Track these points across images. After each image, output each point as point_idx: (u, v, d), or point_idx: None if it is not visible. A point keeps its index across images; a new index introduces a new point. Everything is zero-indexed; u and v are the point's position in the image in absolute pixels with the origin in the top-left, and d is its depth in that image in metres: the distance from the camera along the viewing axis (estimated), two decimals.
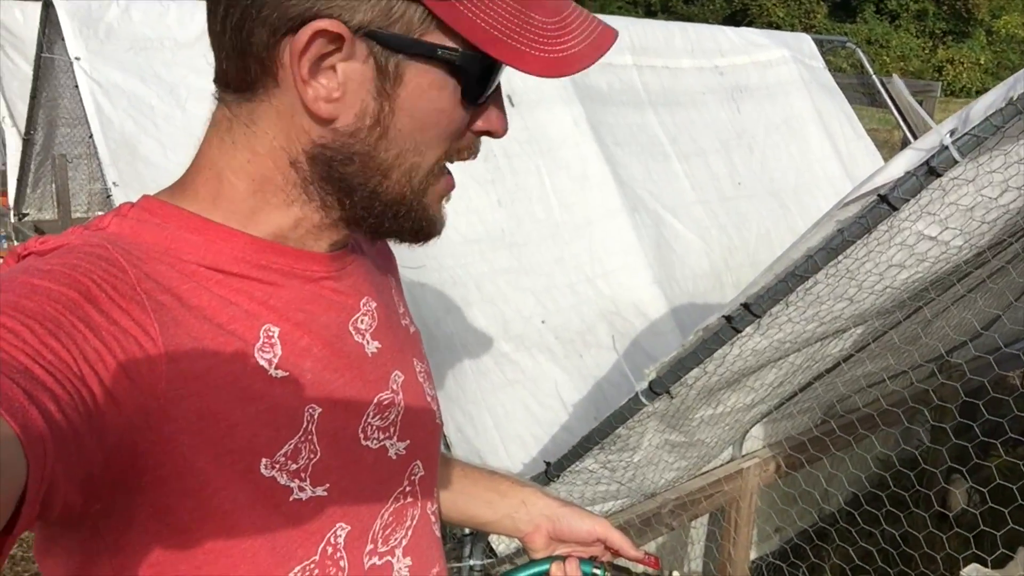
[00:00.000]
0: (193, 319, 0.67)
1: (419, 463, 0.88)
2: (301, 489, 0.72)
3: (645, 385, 1.67)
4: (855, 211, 1.37)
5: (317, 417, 0.74)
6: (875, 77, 4.24)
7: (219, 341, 0.68)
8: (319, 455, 0.73)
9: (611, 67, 3.39)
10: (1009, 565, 2.82)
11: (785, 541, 3.10)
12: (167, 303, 0.66)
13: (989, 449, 3.54)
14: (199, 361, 0.66)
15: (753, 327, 1.54)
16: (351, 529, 0.77)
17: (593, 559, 1.15)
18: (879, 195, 1.31)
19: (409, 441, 0.85)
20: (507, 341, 2.55)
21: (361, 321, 0.82)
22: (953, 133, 1.26)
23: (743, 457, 2.67)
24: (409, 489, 0.86)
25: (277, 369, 0.71)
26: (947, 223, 1.39)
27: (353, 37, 0.67)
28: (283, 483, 0.70)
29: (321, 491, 0.73)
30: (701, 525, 2.89)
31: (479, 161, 2.58)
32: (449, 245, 2.61)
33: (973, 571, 1.45)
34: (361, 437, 0.79)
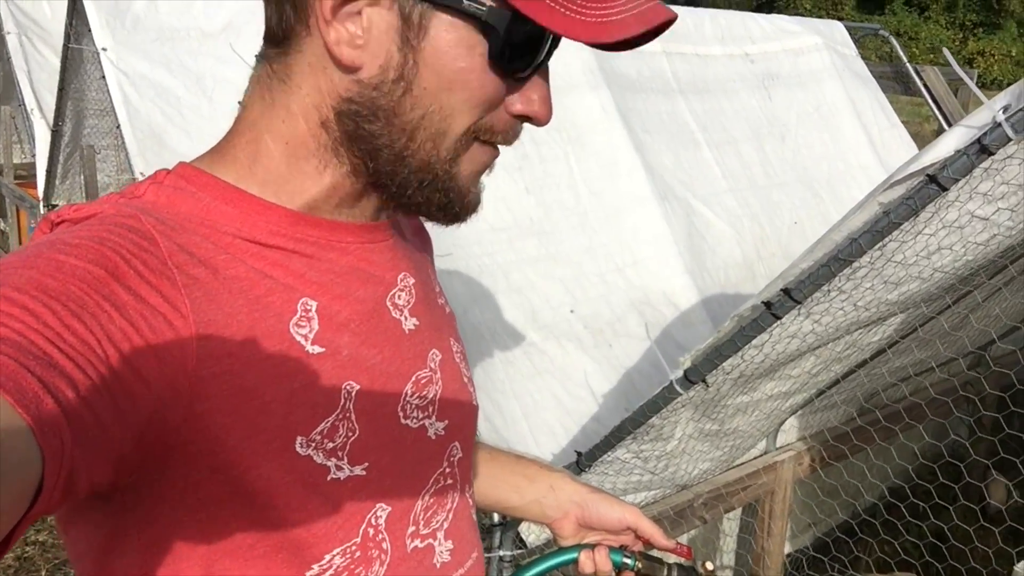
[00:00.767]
0: (227, 293, 0.66)
1: (457, 444, 0.85)
2: (339, 468, 0.70)
3: (680, 374, 1.63)
4: (901, 192, 1.32)
5: (355, 394, 0.71)
6: (909, 65, 4.15)
7: (254, 316, 0.66)
8: (358, 433, 0.71)
9: (640, 54, 3.33)
10: None
11: (823, 534, 3.05)
12: (200, 277, 0.64)
13: None
14: (233, 338, 0.64)
15: (793, 313, 1.50)
16: (392, 510, 0.75)
17: (623, 548, 1.11)
18: (927, 175, 1.26)
19: (448, 421, 0.83)
20: (536, 330, 2.51)
21: (399, 297, 0.80)
22: (1007, 109, 1.20)
23: (778, 449, 2.62)
24: (449, 471, 0.84)
25: (314, 345, 0.69)
26: (999, 203, 1.34)
27: None
28: (320, 462, 0.68)
29: (360, 470, 0.71)
30: (735, 517, 2.84)
31: (507, 148, 2.54)
32: (476, 233, 2.57)
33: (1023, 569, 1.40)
34: (401, 415, 0.77)
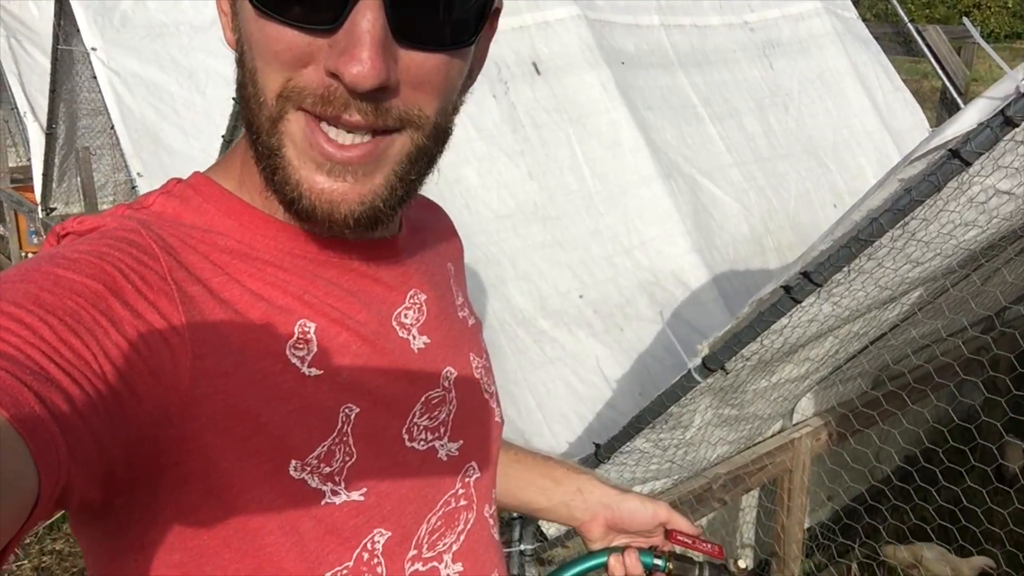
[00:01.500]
0: (223, 313, 0.64)
1: (474, 464, 0.82)
2: (335, 493, 0.68)
3: (698, 361, 1.59)
4: (922, 168, 1.28)
5: (354, 418, 0.69)
6: (911, 25, 4.08)
7: (249, 337, 0.65)
8: (355, 458, 0.69)
9: (638, 28, 3.27)
10: None
11: (841, 507, 3.03)
12: (197, 296, 0.63)
13: None
14: (227, 358, 0.63)
15: (813, 296, 1.46)
16: (391, 535, 0.72)
17: (653, 549, 1.09)
18: (950, 150, 1.21)
19: (462, 441, 0.80)
20: (545, 318, 2.48)
21: (406, 315, 0.76)
22: None
23: (794, 427, 2.60)
24: (463, 492, 0.81)
25: (311, 367, 0.67)
26: (1022, 176, 1.30)
27: None
28: (314, 486, 0.67)
29: (357, 495, 0.69)
30: (753, 496, 2.82)
31: (507, 132, 2.46)
32: (481, 222, 2.53)
33: None
34: (406, 438, 0.74)
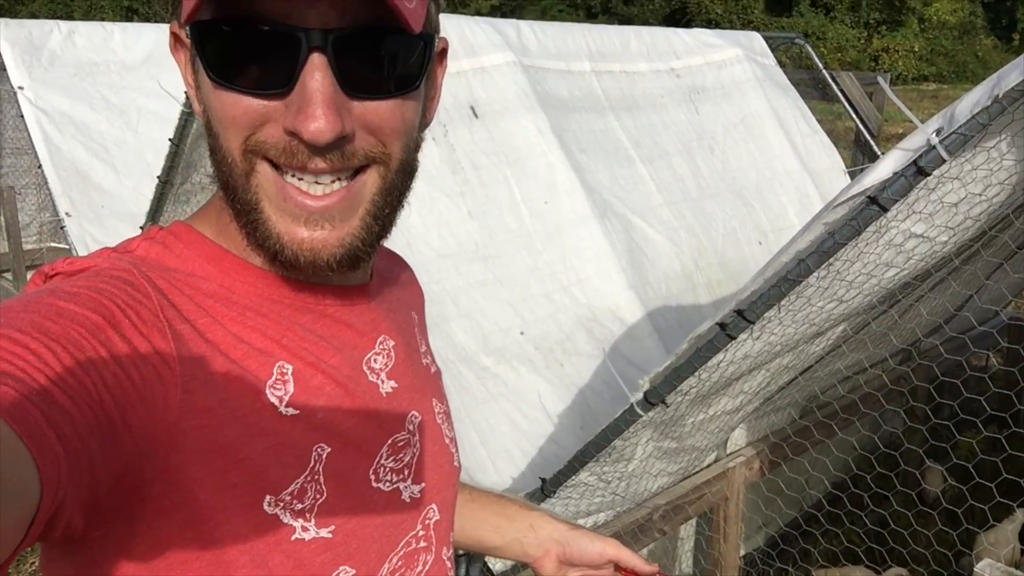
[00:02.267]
0: (209, 352, 0.67)
1: (434, 507, 0.86)
2: (304, 529, 0.71)
3: (640, 396, 1.66)
4: (844, 213, 1.38)
5: (325, 457, 0.72)
6: (826, 72, 4.31)
7: (231, 376, 0.68)
8: (325, 496, 0.72)
9: (570, 74, 3.39)
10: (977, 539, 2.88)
11: (775, 532, 3.13)
12: (186, 334, 0.66)
13: (963, 430, 3.62)
14: (211, 394, 0.66)
15: (746, 333, 1.55)
16: (355, 572, 0.75)
17: None
18: (868, 196, 1.32)
19: (424, 484, 0.84)
20: (487, 355, 2.53)
21: (375, 360, 0.80)
22: (940, 132, 1.27)
23: (728, 456, 2.69)
24: (423, 534, 0.84)
25: (288, 407, 0.71)
26: (934, 220, 1.41)
27: (179, 31, 0.70)
28: (285, 522, 0.69)
29: (326, 532, 0.72)
30: (691, 526, 2.90)
31: (447, 174, 2.52)
32: (423, 260, 2.58)
33: (987, 567, 1.47)
34: (372, 479, 0.77)
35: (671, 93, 3.70)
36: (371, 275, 0.83)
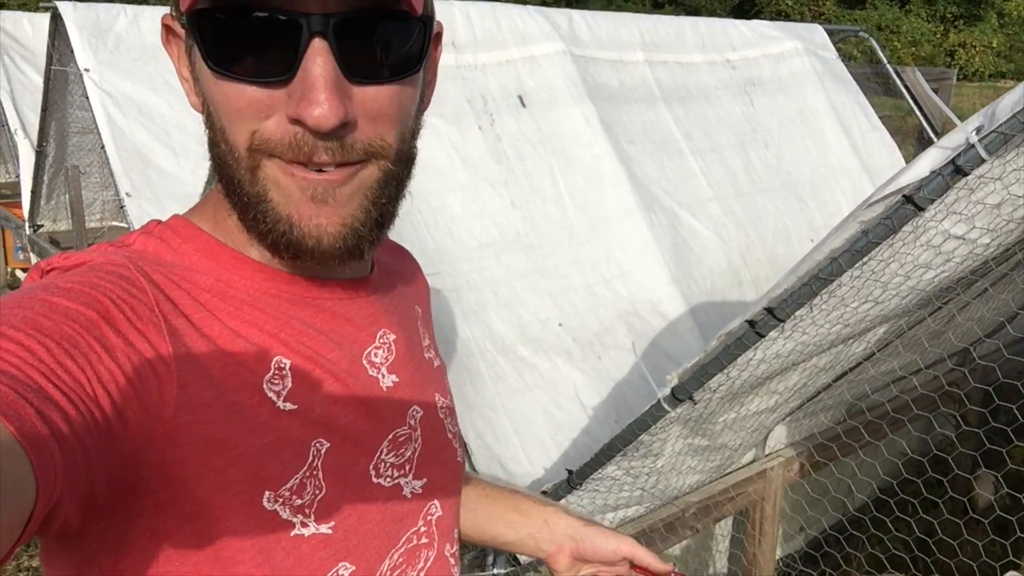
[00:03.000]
0: (205, 347, 0.67)
1: (436, 503, 0.85)
2: (304, 525, 0.70)
3: (668, 391, 1.64)
4: (879, 212, 1.34)
5: (324, 452, 0.72)
6: (889, 67, 4.19)
7: (228, 371, 0.68)
8: (324, 491, 0.72)
9: (622, 64, 3.36)
10: None
11: (814, 536, 3.08)
12: (181, 328, 0.66)
13: (1020, 436, 3.50)
14: (208, 389, 0.66)
15: (777, 331, 1.51)
16: (355, 569, 0.74)
17: None
18: (904, 195, 1.28)
19: (426, 480, 0.83)
20: (525, 345, 2.53)
21: (375, 354, 0.79)
22: (979, 131, 1.23)
23: (766, 457, 2.65)
24: (424, 530, 0.83)
25: (286, 402, 0.70)
26: (974, 221, 1.36)
27: (173, 23, 0.70)
28: (285, 517, 0.69)
29: (326, 528, 0.71)
30: (726, 526, 2.86)
31: (492, 163, 2.52)
32: (464, 250, 2.59)
33: None
34: (372, 474, 0.77)
35: (726, 85, 3.64)
36: (371, 268, 0.83)
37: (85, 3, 4.16)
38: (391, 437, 0.79)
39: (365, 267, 0.81)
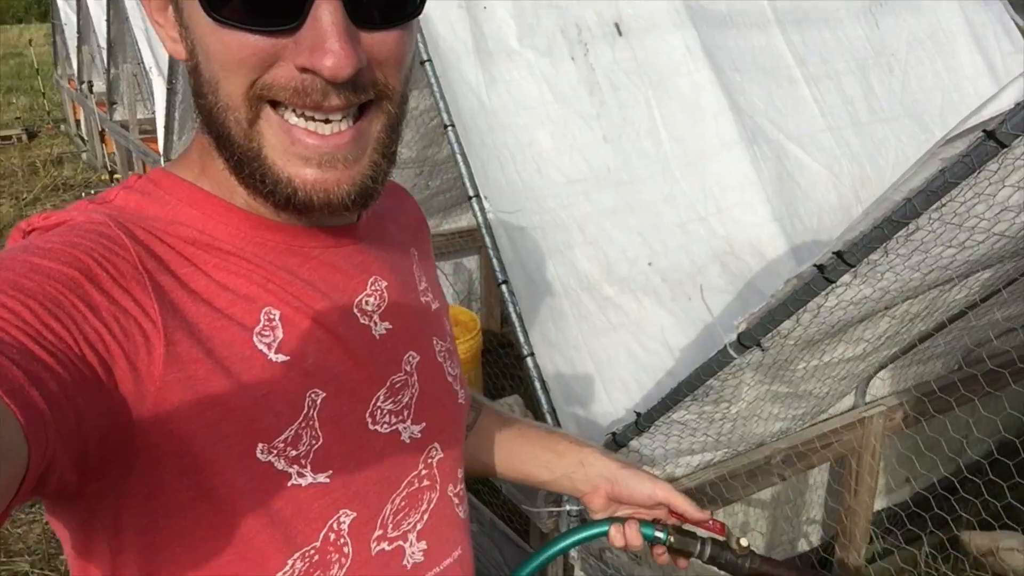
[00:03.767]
0: (192, 302, 0.67)
1: (437, 445, 0.85)
2: (300, 475, 0.70)
3: (734, 337, 1.57)
4: (960, 148, 1.21)
5: (320, 402, 0.72)
6: None
7: (217, 325, 0.67)
8: (321, 441, 0.72)
9: None
10: None
11: (923, 489, 2.92)
12: (167, 284, 0.66)
13: None
14: (197, 345, 0.65)
15: (850, 276, 1.41)
16: (357, 515, 0.75)
17: (656, 522, 1.10)
18: (984, 131, 1.14)
19: (425, 424, 0.83)
20: (611, 284, 2.48)
21: (367, 302, 0.79)
22: None
23: (866, 405, 2.52)
24: (425, 472, 0.84)
25: (277, 353, 0.70)
26: None
27: None
28: (280, 468, 0.69)
29: (323, 478, 0.72)
30: (821, 474, 2.76)
31: (584, 95, 2.44)
32: (551, 186, 2.54)
33: None
34: (369, 422, 0.77)
35: (848, 5, 3.36)
36: (359, 215, 0.82)
37: None
38: (387, 384, 0.79)
39: (352, 214, 0.80)
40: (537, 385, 2.19)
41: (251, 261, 0.71)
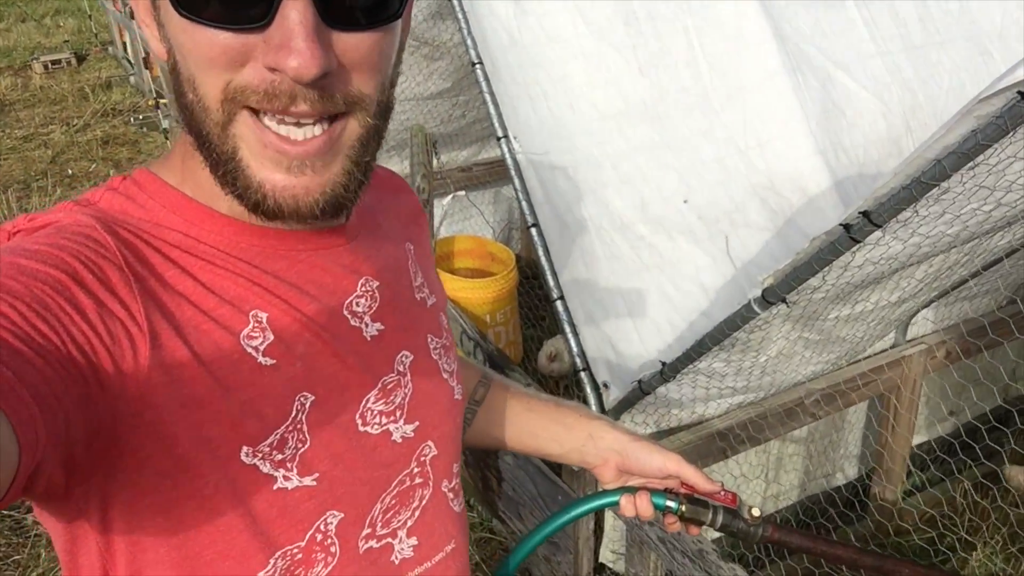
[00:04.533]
0: (178, 305, 0.67)
1: (431, 444, 0.85)
2: (287, 479, 0.71)
3: (758, 293, 1.55)
4: (995, 107, 1.15)
5: (309, 406, 0.72)
6: None
7: (204, 328, 0.67)
8: (309, 444, 0.72)
9: None
10: None
11: (959, 425, 2.90)
12: (153, 287, 0.66)
13: None
14: (182, 348, 0.66)
15: (878, 235, 1.37)
16: (344, 516, 0.76)
17: (668, 491, 1.11)
18: (1019, 92, 1.09)
19: (418, 423, 0.83)
20: (644, 223, 2.44)
21: (357, 304, 0.78)
22: None
23: (908, 343, 2.48)
24: (418, 471, 0.84)
25: (265, 356, 0.70)
26: None
27: None
28: (265, 471, 0.70)
29: (310, 480, 0.72)
30: (859, 409, 2.75)
31: (619, 25, 2.37)
32: (584, 122, 2.49)
33: None
34: (359, 423, 0.77)
35: None
36: (347, 215, 0.80)
37: None
38: (379, 386, 0.79)
39: (342, 214, 0.79)
40: (567, 328, 2.19)
41: (237, 265, 0.71)
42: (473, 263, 3.77)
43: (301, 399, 0.71)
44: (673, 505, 1.09)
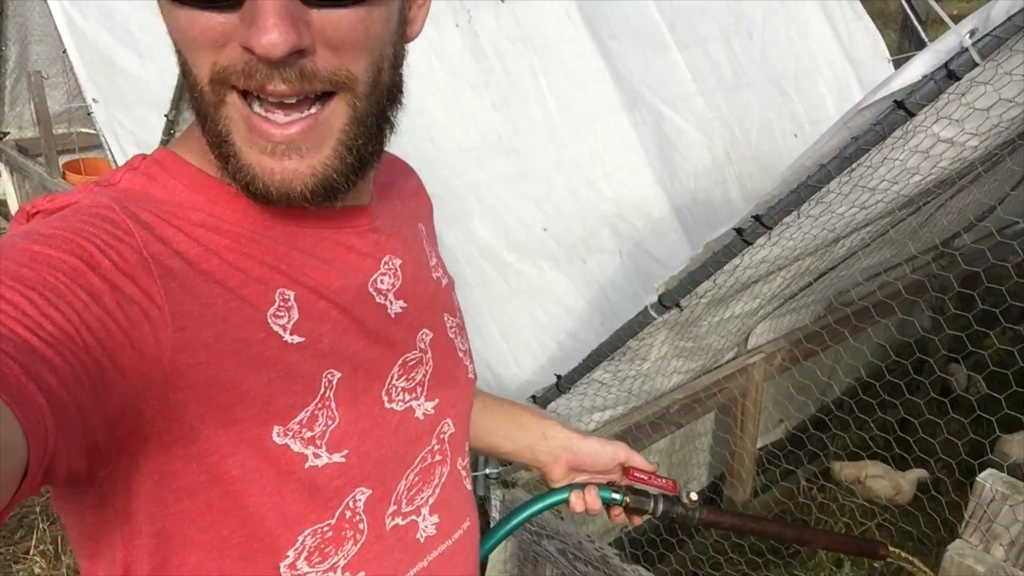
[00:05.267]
0: (203, 284, 0.65)
1: (449, 421, 0.87)
2: (316, 456, 0.70)
3: (655, 299, 1.66)
4: (869, 117, 1.33)
5: (336, 383, 0.72)
6: None
7: (230, 307, 0.66)
8: (337, 421, 0.72)
9: None
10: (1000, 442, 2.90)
11: (793, 427, 3.18)
12: (175, 268, 0.64)
13: (984, 335, 3.58)
14: (208, 328, 0.64)
15: (764, 238, 1.52)
16: (372, 492, 0.76)
17: (611, 485, 1.17)
18: (895, 101, 1.26)
19: (438, 400, 0.84)
20: (510, 251, 2.53)
21: (382, 281, 0.79)
22: (973, 34, 1.20)
23: (748, 353, 2.70)
24: (438, 448, 0.85)
25: (292, 335, 0.69)
26: (964, 125, 1.35)
27: None
28: (297, 450, 0.69)
29: (339, 457, 0.72)
30: (708, 420, 2.95)
31: (471, 63, 2.45)
32: (445, 155, 2.55)
33: (988, 477, 1.48)
34: (385, 400, 0.77)
35: None
36: (370, 195, 0.80)
37: None
38: (401, 362, 0.79)
39: (366, 194, 0.79)
40: None
41: (262, 243, 0.70)
42: None
43: (328, 376, 0.71)
44: (618, 497, 1.15)
